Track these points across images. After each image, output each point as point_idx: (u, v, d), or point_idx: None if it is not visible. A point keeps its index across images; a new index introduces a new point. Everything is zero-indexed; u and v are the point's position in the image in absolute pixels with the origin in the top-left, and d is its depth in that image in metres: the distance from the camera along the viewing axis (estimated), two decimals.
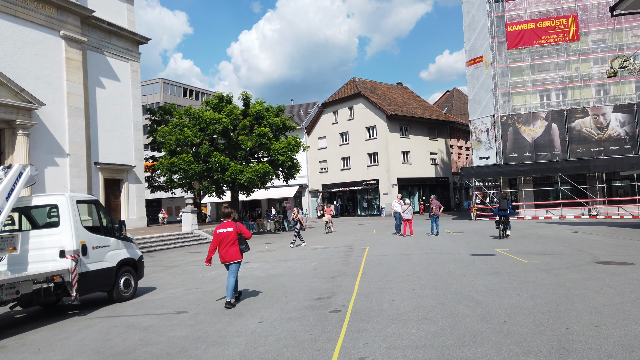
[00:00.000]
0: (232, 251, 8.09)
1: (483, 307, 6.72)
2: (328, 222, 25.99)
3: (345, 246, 17.16)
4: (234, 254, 8.09)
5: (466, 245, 15.37)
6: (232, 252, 8.08)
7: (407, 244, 16.33)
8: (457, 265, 10.87)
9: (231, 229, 8.12)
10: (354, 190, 47.97)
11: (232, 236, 8.09)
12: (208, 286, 10.10)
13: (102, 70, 28.47)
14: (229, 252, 8.07)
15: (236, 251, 8.12)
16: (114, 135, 28.98)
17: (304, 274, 10.96)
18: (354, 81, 48.79)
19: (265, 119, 28.66)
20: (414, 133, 46.82)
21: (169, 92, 67.94)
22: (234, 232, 8.12)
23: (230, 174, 25.90)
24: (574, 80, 33.09)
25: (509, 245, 14.84)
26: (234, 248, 8.10)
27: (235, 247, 8.12)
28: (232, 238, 8.09)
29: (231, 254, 8.08)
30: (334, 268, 11.51)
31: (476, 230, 21.94)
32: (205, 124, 27.29)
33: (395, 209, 20.80)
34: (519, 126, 33.87)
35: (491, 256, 12.14)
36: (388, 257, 13.08)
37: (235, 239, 8.13)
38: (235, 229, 8.16)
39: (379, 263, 11.82)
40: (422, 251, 13.99)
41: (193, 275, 12.06)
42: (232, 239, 8.09)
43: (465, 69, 37.17)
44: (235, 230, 8.13)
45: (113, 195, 29.01)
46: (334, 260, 13.10)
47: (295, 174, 30.83)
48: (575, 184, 32.15)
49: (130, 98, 30.37)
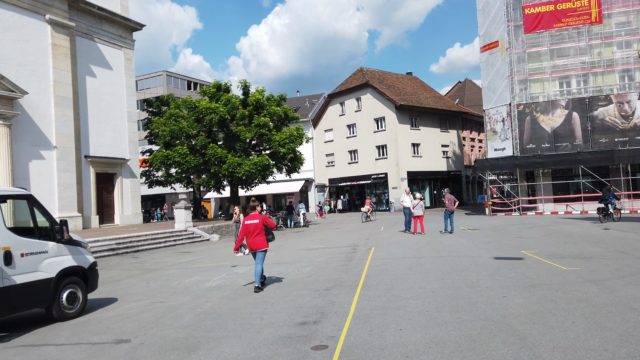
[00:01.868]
0: (259, 240, 8.76)
1: (529, 346, 4.76)
2: (367, 212, 27.98)
3: (349, 246, 15.34)
4: (260, 242, 8.77)
5: (486, 245, 13.45)
6: (259, 241, 8.76)
7: (418, 244, 14.46)
8: (481, 273, 8.97)
9: (257, 220, 8.80)
10: (362, 185, 46.04)
11: (258, 227, 8.76)
12: (176, 299, 8.35)
13: (93, 57, 26.83)
14: (255, 241, 8.74)
15: (263, 240, 8.78)
16: (106, 127, 27.37)
17: (294, 282, 9.16)
18: (361, 71, 46.74)
19: (266, 108, 26.84)
20: (424, 124, 44.71)
21: (172, 85, 66.35)
22: (260, 223, 8.79)
23: (228, 167, 24.15)
24: (597, 65, 30.83)
25: (536, 245, 12.91)
26: (261, 237, 8.76)
27: (262, 236, 8.79)
28: (259, 228, 8.76)
29: (258, 242, 8.75)
30: (331, 275, 9.69)
31: (494, 228, 19.99)
32: (201, 114, 25.55)
33: (405, 204, 18.91)
34: (537, 115, 31.71)
35: (519, 260, 10.23)
36: (396, 260, 11.24)
37: (262, 229, 8.81)
38: (261, 220, 8.82)
39: (384, 269, 9.98)
40: (436, 253, 12.11)
41: (169, 282, 10.33)
42: (259, 229, 8.76)
43: (479, 56, 35.03)
44: (261, 222, 8.80)
45: (106, 191, 27.44)
46: (333, 264, 11.28)
47: (298, 167, 28.99)
48: (598, 176, 29.96)
49: (124, 87, 28.72)
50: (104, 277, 10.80)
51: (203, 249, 18.08)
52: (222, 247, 18.54)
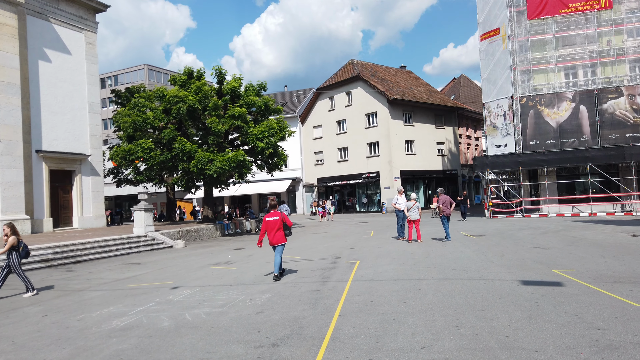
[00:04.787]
0: (279, 235, 9.59)
1: None
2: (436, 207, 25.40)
3: (329, 258, 12.51)
4: (280, 237, 9.60)
5: (501, 259, 10.64)
6: (278, 237, 9.58)
7: (415, 257, 11.64)
8: (513, 314, 6.01)
9: (277, 217, 9.55)
10: (352, 184, 43.22)
11: (277, 223, 9.54)
12: (46, 356, 5.47)
13: (48, 40, 23.79)
14: (275, 237, 9.55)
15: (282, 235, 9.62)
16: (63, 119, 24.33)
17: (232, 325, 6.24)
18: (352, 63, 43.94)
19: (243, 98, 23.94)
20: (418, 120, 42.00)
21: (154, 80, 63.20)
22: (280, 220, 9.56)
23: (197, 163, 21.22)
24: (606, 55, 28.31)
25: (567, 260, 10.15)
26: (280, 233, 9.58)
27: (281, 232, 9.60)
28: (278, 225, 9.54)
29: (278, 238, 9.57)
30: (291, 312, 6.81)
31: (501, 233, 17.23)
32: (169, 103, 22.61)
33: (398, 207, 16.11)
34: (541, 109, 29.10)
35: (557, 287, 7.40)
36: (385, 285, 8.41)
37: (281, 225, 9.59)
38: (280, 217, 9.57)
39: (368, 302, 7.12)
40: (439, 272, 9.28)
41: (70, 316, 7.40)
42: (278, 226, 9.55)
43: (478, 45, 32.38)
44: (280, 219, 9.55)
45: (62, 190, 24.41)
46: (301, 288, 8.42)
47: (280, 164, 26.12)
48: (607, 175, 27.41)
49: (85, 75, 25.68)
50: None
51: (159, 259, 15.18)
52: (184, 255, 15.66)
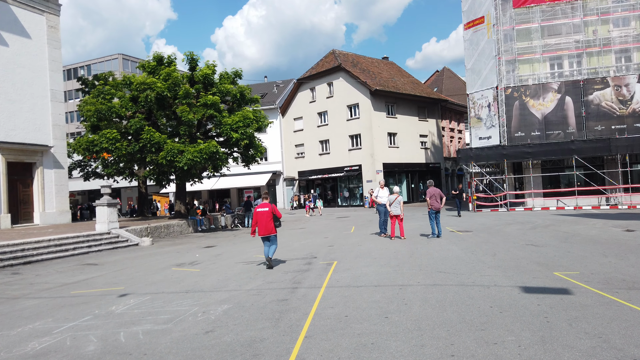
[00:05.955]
0: (269, 226, 10.04)
1: None
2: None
3: (303, 258, 11.36)
4: (270, 228, 10.06)
5: (493, 259, 9.62)
6: (269, 227, 10.04)
7: (398, 257, 10.56)
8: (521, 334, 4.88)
9: (267, 209, 10.11)
10: (334, 178, 42.10)
11: (268, 215, 10.04)
12: None
13: (4, 22, 22.02)
14: (266, 227, 10.02)
15: (272, 226, 10.07)
16: (21, 108, 22.62)
17: (170, 351, 4.86)
18: (333, 53, 42.69)
19: (216, 86, 22.55)
20: (401, 112, 41.04)
21: (129, 70, 60.96)
22: (269, 212, 10.07)
23: (166, 154, 19.81)
24: (592, 45, 27.67)
25: (566, 260, 9.18)
26: (270, 224, 10.04)
27: (271, 223, 10.05)
28: (268, 216, 10.03)
29: (268, 228, 10.04)
30: (246, 332, 5.50)
31: (489, 229, 16.31)
32: (136, 91, 21.11)
33: (380, 200, 15.05)
34: (527, 100, 28.36)
35: (565, 296, 6.30)
36: (364, 292, 7.26)
37: (271, 217, 10.05)
38: (270, 209, 10.11)
39: (342, 315, 5.95)
40: (426, 276, 8.16)
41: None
42: (268, 217, 10.03)
43: (463, 34, 31.49)
44: (270, 210, 10.08)
45: (22, 184, 22.74)
46: (267, 297, 7.23)
47: (257, 156, 24.80)
48: (593, 167, 26.81)
49: (47, 61, 23.95)
50: None
51: (119, 258, 13.83)
52: (148, 255, 14.33)
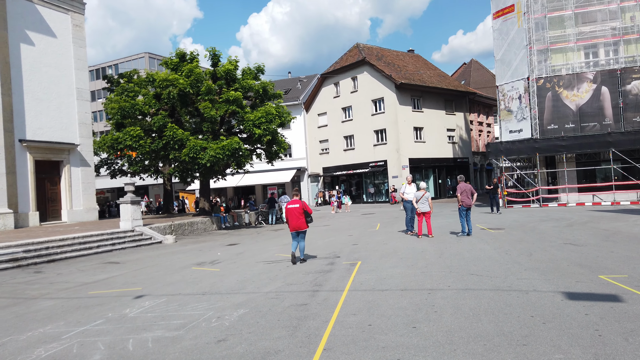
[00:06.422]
0: (300, 222, 10.31)
1: None
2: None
3: (326, 257, 10.94)
4: (301, 224, 10.32)
5: (529, 259, 8.98)
6: (300, 223, 10.31)
7: (426, 258, 10.01)
8: (568, 349, 4.30)
9: (297, 205, 10.40)
10: (359, 174, 41.53)
11: (298, 210, 10.32)
12: None
13: (30, 21, 22.27)
14: (297, 223, 10.30)
15: (303, 222, 10.34)
16: (49, 106, 22.88)
17: None
18: (357, 47, 42.03)
19: (238, 81, 22.30)
20: (427, 106, 40.09)
21: (156, 68, 61.64)
22: (300, 208, 10.34)
23: (189, 151, 19.68)
24: (629, 32, 26.27)
25: (610, 261, 8.47)
26: (301, 219, 10.32)
27: (302, 218, 10.32)
28: (299, 212, 10.31)
29: (299, 224, 10.31)
30: (260, 342, 5.01)
31: (522, 225, 15.53)
32: (159, 88, 21.05)
33: (406, 197, 14.48)
34: (560, 91, 27.14)
35: (614, 302, 5.64)
36: (389, 297, 6.76)
37: (301, 212, 10.33)
38: (301, 205, 10.38)
39: (365, 324, 5.45)
40: (458, 280, 7.55)
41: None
42: (299, 213, 10.31)
43: (492, 23, 30.38)
44: (301, 207, 10.35)
45: (50, 182, 23.04)
46: (285, 301, 6.79)
47: (280, 152, 24.53)
48: (631, 161, 25.47)
49: (72, 59, 24.17)
50: None
51: (142, 257, 13.72)
52: (170, 253, 14.18)
